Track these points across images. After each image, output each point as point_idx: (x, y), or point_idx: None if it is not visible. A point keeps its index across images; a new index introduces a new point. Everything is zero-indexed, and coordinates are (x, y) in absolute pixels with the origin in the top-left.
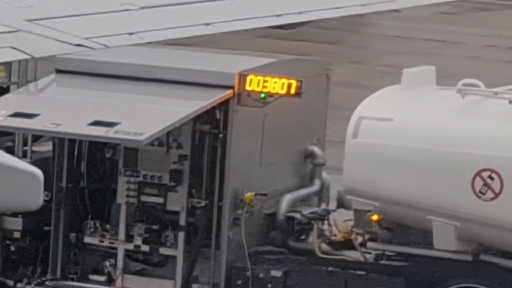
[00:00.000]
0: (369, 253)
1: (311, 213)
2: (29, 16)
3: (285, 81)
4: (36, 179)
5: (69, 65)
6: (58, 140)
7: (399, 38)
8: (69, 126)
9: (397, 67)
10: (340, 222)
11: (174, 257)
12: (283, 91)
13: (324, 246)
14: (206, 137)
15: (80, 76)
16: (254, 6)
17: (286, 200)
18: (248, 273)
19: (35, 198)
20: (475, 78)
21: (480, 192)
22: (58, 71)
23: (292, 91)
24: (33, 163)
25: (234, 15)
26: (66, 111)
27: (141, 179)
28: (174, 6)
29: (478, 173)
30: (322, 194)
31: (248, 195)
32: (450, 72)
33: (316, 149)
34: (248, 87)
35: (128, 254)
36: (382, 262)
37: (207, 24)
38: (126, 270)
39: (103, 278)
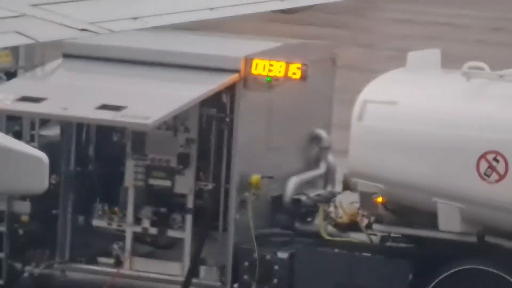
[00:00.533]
0: (375, 235)
1: (317, 195)
2: (34, 1)
3: (291, 65)
4: (41, 163)
5: (76, 50)
6: (66, 124)
7: (405, 22)
8: (77, 110)
9: (403, 51)
10: (346, 204)
11: (182, 240)
12: (289, 75)
13: (330, 228)
14: (213, 120)
15: (87, 60)
16: None
17: (292, 182)
18: (255, 255)
19: (41, 181)
20: (481, 61)
21: (485, 174)
22: (65, 56)
23: (298, 75)
24: (41, 147)
25: (239, 1)
26: (73, 95)
27: (149, 162)
28: None
29: (483, 155)
30: (328, 176)
31: (255, 178)
32: (456, 56)
33: (322, 132)
34: (254, 71)
35: (136, 237)
36: (388, 244)
37: (212, 9)
38: (134, 253)
39: (111, 261)
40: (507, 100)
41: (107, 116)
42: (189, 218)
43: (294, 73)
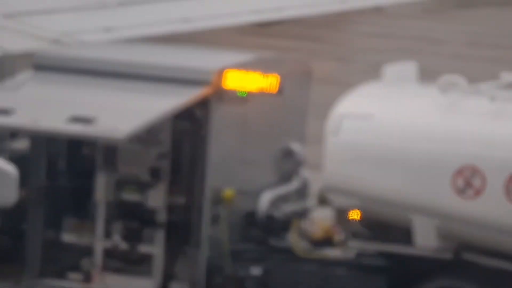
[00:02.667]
0: (350, 251)
1: (291, 210)
2: (7, 12)
3: (265, 78)
4: (10, 177)
5: (47, 61)
6: (36, 137)
7: (381, 35)
8: (47, 122)
9: (379, 64)
10: (321, 219)
11: (153, 255)
12: (263, 88)
13: (304, 244)
14: (185, 134)
15: (58, 72)
16: (233, 4)
17: (266, 197)
18: (228, 271)
19: (10, 195)
20: (457, 75)
21: (461, 190)
22: (36, 67)
23: (272, 88)
24: (10, 160)
25: (213, 12)
26: (44, 107)
27: (120, 176)
28: (151, 3)
29: (459, 171)
30: (302, 191)
31: (228, 192)
32: (432, 69)
33: (297, 147)
34: (228, 84)
35: (107, 252)
36: (363, 260)
37: (185, 21)
38: (104, 268)
39: (81, 276)
40: (483, 114)
41: (78, 129)
42: (160, 233)
43: (268, 86)
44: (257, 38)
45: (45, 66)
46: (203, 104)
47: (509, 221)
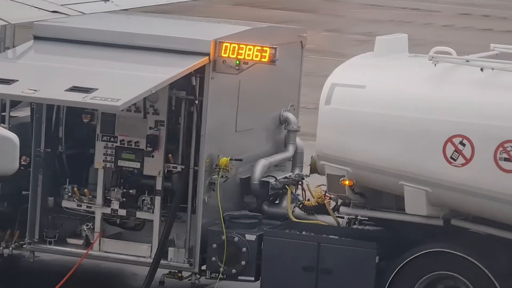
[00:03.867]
0: (342, 217)
1: (285, 178)
2: None
3: (260, 48)
4: (12, 144)
5: (47, 32)
6: (36, 106)
7: (374, 6)
8: (47, 91)
9: (372, 35)
10: (314, 187)
11: (150, 221)
12: (258, 58)
13: (298, 211)
14: (182, 103)
15: (58, 42)
16: None
17: (260, 165)
18: (223, 237)
19: (12, 162)
20: (448, 46)
21: (452, 158)
22: (36, 38)
23: (267, 58)
24: (12, 128)
25: None
26: (44, 77)
27: (118, 144)
28: None
29: (449, 139)
30: (296, 159)
31: (223, 160)
32: (424, 40)
33: (290, 115)
34: (223, 54)
35: (106, 218)
36: (355, 226)
37: None
38: (103, 234)
39: (80, 242)
40: (473, 84)
41: (77, 98)
42: (158, 200)
43: (263, 56)
44: (252, 9)
45: (45, 36)
46: (200, 73)
47: (497, 189)
